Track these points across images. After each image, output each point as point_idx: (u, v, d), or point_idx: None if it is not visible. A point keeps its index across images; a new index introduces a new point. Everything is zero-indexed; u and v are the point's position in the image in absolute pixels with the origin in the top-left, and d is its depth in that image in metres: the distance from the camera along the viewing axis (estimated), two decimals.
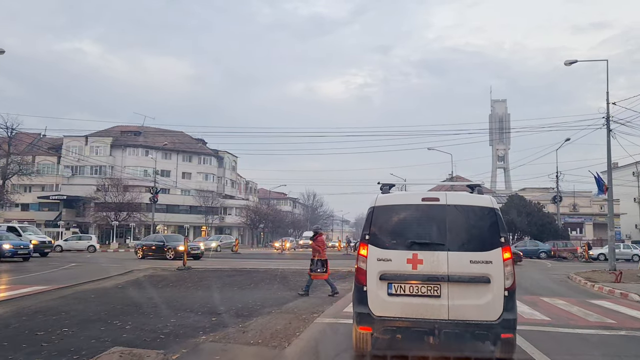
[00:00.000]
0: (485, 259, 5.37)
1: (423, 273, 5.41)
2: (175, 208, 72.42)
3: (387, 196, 5.94)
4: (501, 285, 5.31)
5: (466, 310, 5.31)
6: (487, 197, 5.79)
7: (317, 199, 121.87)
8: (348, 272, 19.00)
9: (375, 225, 5.71)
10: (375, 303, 5.47)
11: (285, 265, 23.91)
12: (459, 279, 5.36)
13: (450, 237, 5.48)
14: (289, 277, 16.69)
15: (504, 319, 5.25)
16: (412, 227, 5.65)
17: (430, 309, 5.34)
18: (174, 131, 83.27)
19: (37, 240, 28.69)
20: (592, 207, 60.67)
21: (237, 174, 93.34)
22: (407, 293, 5.44)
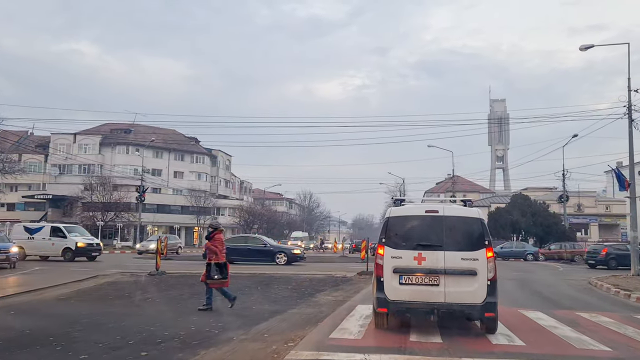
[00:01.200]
0: (473, 257, 6.96)
1: (426, 267, 6.99)
2: (166, 208, 70.04)
3: (398, 208, 7.72)
4: (485, 276, 6.92)
5: (458, 295, 6.88)
6: (475, 209, 7.52)
7: (313, 199, 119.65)
8: (343, 278, 16.68)
9: (389, 231, 7.30)
10: (390, 290, 7.02)
11: (273, 269, 21.60)
12: (453, 272, 6.93)
13: (447, 240, 7.04)
14: (273, 285, 14.41)
15: (487, 302, 6.86)
16: (417, 233, 7.23)
17: (431, 294, 6.91)
18: (166, 129, 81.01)
19: (84, 242, 26.25)
20: (598, 207, 58.48)
21: (231, 174, 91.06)
22: (414, 282, 7.01)
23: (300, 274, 18.28)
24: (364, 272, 18.71)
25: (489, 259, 7.02)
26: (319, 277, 17.49)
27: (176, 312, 9.17)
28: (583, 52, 22.42)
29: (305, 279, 16.14)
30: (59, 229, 26.65)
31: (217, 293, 9.44)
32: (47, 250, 25.75)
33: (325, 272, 19.37)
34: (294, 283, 14.80)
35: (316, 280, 15.83)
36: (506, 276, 20.28)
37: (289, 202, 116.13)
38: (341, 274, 18.43)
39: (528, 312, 9.68)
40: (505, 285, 16.09)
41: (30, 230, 26.44)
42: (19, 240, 25.46)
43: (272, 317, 8.74)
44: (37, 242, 25.81)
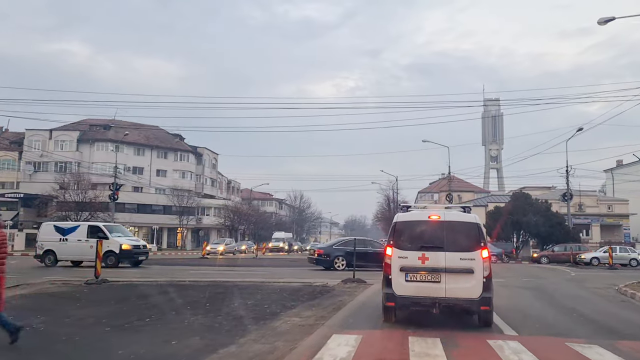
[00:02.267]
0: (470, 257, 7.73)
1: (429, 266, 7.75)
2: (147, 208, 66.57)
3: (404, 214, 8.54)
4: (481, 274, 7.66)
5: (457, 291, 7.66)
6: (472, 215, 8.34)
7: (304, 199, 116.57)
8: (322, 288, 13.64)
9: (396, 234, 8.12)
10: (397, 286, 7.81)
11: (242, 274, 18.44)
12: (453, 270, 7.69)
13: (447, 242, 7.80)
14: (229, 298, 11.25)
15: (483, 297, 7.63)
16: (421, 236, 8.02)
17: (434, 290, 7.68)
18: (148, 125, 77.65)
19: (130, 245, 22.83)
20: (600, 207, 55.68)
21: (218, 173, 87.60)
22: (418, 280, 7.79)
23: (272, 283, 15.14)
24: (349, 280, 15.61)
25: (485, 259, 7.70)
26: (294, 285, 14.38)
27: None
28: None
29: (276, 290, 13.01)
30: (98, 228, 22.99)
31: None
32: (84, 254, 21.86)
33: (304, 280, 16.26)
34: (259, 296, 11.67)
35: (288, 291, 12.70)
36: (518, 283, 17.28)
37: (279, 202, 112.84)
38: (322, 282, 15.33)
39: (580, 346, 6.58)
40: (524, 297, 13.07)
41: (62, 230, 22.90)
42: (48, 243, 22.62)
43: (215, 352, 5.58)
44: (72, 244, 22.28)
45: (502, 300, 11.45)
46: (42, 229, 23.89)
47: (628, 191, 58.38)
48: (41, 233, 23.50)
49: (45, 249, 22.59)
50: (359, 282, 15.52)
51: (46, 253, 22.56)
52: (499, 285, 15.10)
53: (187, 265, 26.10)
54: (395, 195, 58.87)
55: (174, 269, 21.82)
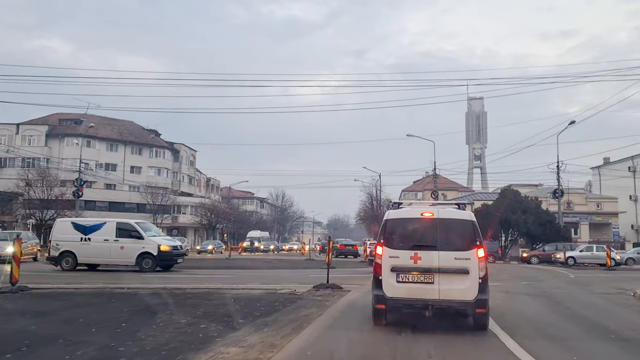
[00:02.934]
0: (465, 257, 7.24)
1: (421, 266, 7.28)
2: (120, 206, 63.57)
3: (396, 211, 8.05)
4: (477, 275, 7.17)
5: (452, 292, 7.19)
6: (467, 212, 7.99)
7: (286, 198, 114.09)
8: (288, 297, 11.27)
9: (387, 232, 7.68)
10: (388, 287, 7.35)
11: (201, 279, 15.95)
12: (447, 270, 7.22)
13: (441, 241, 7.34)
14: (164, 311, 8.76)
15: (478, 298, 7.12)
16: (414, 234, 7.57)
17: (426, 292, 7.22)
18: (122, 120, 74.52)
19: (169, 245, 20.11)
20: (588, 205, 54.00)
21: (196, 170, 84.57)
22: (410, 280, 7.35)
23: (230, 290, 12.64)
24: (322, 286, 13.21)
25: (480, 259, 7.23)
26: (255, 293, 11.95)
27: None
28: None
29: (228, 300, 10.53)
30: (129, 226, 20.00)
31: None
32: (113, 257, 19.23)
33: (269, 286, 13.83)
34: (203, 309, 9.19)
35: (244, 302, 10.25)
36: (519, 288, 15.04)
37: (261, 201, 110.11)
38: (290, 289, 12.90)
39: None
40: (531, 306, 10.84)
41: (83, 229, 19.71)
42: (66, 243, 19.42)
43: None
44: (97, 245, 19.19)
45: (510, 315, 9.18)
46: (58, 227, 20.48)
47: (614, 187, 57.01)
48: (56, 231, 20.08)
49: (63, 251, 19.39)
50: (333, 288, 13.12)
51: (63, 255, 19.42)
52: (498, 291, 12.91)
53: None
54: (378, 193, 56.54)
55: (127, 273, 19.18)
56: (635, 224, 59.41)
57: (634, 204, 59.94)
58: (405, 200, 11.70)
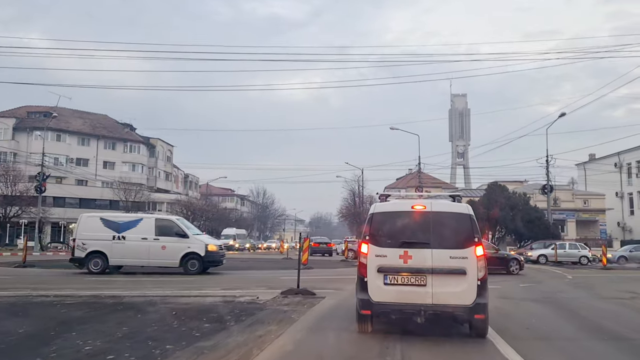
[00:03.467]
0: (462, 255, 6.42)
1: (412, 266, 6.45)
2: (91, 203, 60.66)
3: (383, 204, 7.18)
4: (475, 276, 6.35)
5: (446, 296, 6.36)
6: (464, 205, 7.06)
7: (267, 195, 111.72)
8: (246, 306, 9.22)
9: (373, 228, 6.79)
10: (374, 291, 6.50)
11: (155, 283, 13.77)
12: (441, 271, 6.38)
13: (434, 238, 6.51)
14: (90, 324, 6.61)
15: (477, 303, 6.29)
16: (403, 230, 6.71)
17: (418, 295, 6.38)
18: (95, 113, 71.79)
19: (215, 245, 18.31)
20: (575, 201, 52.72)
21: (174, 166, 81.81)
22: (399, 283, 6.48)
23: (178, 297, 10.52)
24: (292, 291, 11.15)
25: (479, 258, 6.45)
26: (206, 302, 9.85)
27: None
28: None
29: (170, 311, 8.42)
30: (171, 222, 18.03)
31: None
32: (153, 258, 17.08)
33: (229, 291, 11.74)
34: (128, 326, 7.08)
35: (189, 315, 8.14)
36: (519, 293, 13.17)
37: (241, 198, 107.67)
38: (253, 295, 10.82)
39: None
40: (543, 317, 8.91)
41: (116, 225, 17.51)
42: (95, 242, 17.11)
43: None
44: (133, 244, 17.11)
45: (521, 329, 7.30)
46: (83, 223, 17.84)
47: (599, 184, 55.97)
48: (81, 229, 17.62)
49: (91, 251, 17.10)
50: (304, 294, 11.08)
51: (91, 255, 17.12)
52: (496, 296, 11.00)
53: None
54: (361, 190, 54.58)
55: (80, 276, 16.83)
56: (622, 221, 58.31)
57: (620, 201, 58.86)
58: (393, 192, 10.80)
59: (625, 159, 58.12)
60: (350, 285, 13.76)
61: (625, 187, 58.79)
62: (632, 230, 56.98)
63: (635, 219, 57.13)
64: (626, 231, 57.49)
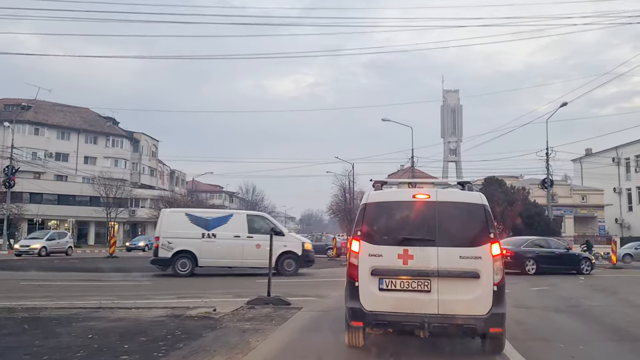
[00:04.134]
0: (474, 255, 5.40)
1: (413, 268, 5.41)
2: (70, 199, 58.26)
3: (378, 193, 6.04)
4: (490, 280, 5.33)
5: (455, 305, 5.31)
6: (477, 194, 5.87)
7: (257, 192, 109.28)
8: (192, 327, 6.84)
9: (366, 221, 5.72)
10: (367, 298, 5.47)
11: (113, 290, 11.57)
12: (449, 274, 5.35)
13: (440, 233, 5.46)
14: None
15: (492, 313, 5.26)
16: (403, 223, 5.65)
17: (421, 304, 5.33)
18: (76, 107, 68.95)
19: (310, 244, 17.53)
20: (573, 197, 50.93)
21: (159, 161, 79.21)
22: (398, 288, 5.44)
23: (116, 310, 8.30)
24: (261, 301, 8.98)
25: (496, 258, 5.37)
26: (147, 317, 7.69)
27: None
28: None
29: (88, 333, 6.24)
30: (264, 219, 17.01)
31: None
32: (247, 258, 15.56)
33: (183, 301, 9.55)
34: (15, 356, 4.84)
35: (113, 337, 6.01)
36: (534, 299, 11.09)
37: (230, 195, 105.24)
38: (210, 306, 8.64)
39: None
40: (581, 338, 6.76)
41: (205, 222, 15.94)
42: (183, 240, 15.50)
43: None
44: (224, 242, 15.61)
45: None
46: (167, 219, 16.18)
47: (596, 180, 54.30)
48: (164, 225, 15.94)
49: (177, 250, 15.36)
50: (276, 304, 8.91)
51: (179, 256, 15.37)
52: (509, 305, 8.94)
53: (71, 270, 18.81)
54: (351, 185, 52.44)
55: (31, 279, 14.56)
56: (620, 218, 56.60)
57: (618, 197, 57.15)
58: (391, 179, 8.04)
59: (624, 153, 56.41)
60: (337, 291, 11.57)
61: (624, 182, 57.09)
62: (630, 227, 55.25)
63: (634, 215, 55.43)
64: (624, 228, 55.75)
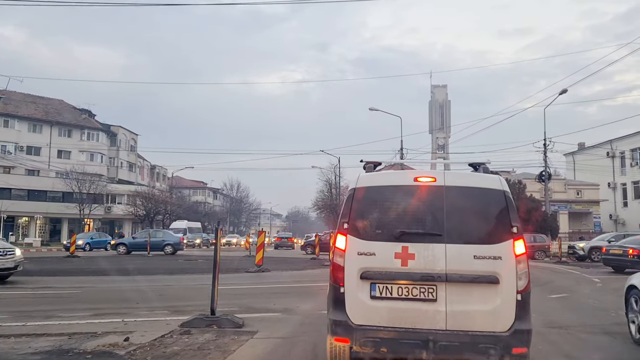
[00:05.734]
0: (492, 254, 4.29)
1: (415, 271, 4.33)
2: (42, 195, 55.19)
3: (371, 175, 4.94)
4: (513, 286, 4.24)
5: (468, 318, 4.23)
6: (495, 176, 4.66)
7: (241, 188, 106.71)
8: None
9: (356, 210, 4.57)
10: (355, 308, 4.37)
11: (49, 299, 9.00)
12: (460, 278, 4.28)
13: (450, 226, 4.36)
14: None
15: (516, 329, 4.15)
16: (401, 214, 4.55)
17: (424, 317, 4.27)
18: (49, 98, 65.92)
19: None
20: (568, 192, 48.99)
21: (138, 156, 76.19)
22: (395, 296, 4.36)
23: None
24: (199, 322, 6.50)
25: (519, 257, 4.23)
26: (37, 347, 5.25)
27: None
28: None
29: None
30: None
31: None
32: None
33: (95, 320, 7.01)
34: None
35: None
36: (557, 311, 8.75)
37: (213, 191, 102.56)
38: (123, 332, 6.08)
39: None
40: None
41: None
42: None
43: None
44: None
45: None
46: None
47: (588, 173, 52.57)
48: None
49: None
50: (222, 327, 6.46)
51: None
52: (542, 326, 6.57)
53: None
54: (337, 179, 50.10)
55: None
56: (614, 214, 54.77)
57: (613, 192, 55.30)
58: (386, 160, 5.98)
59: (619, 146, 54.57)
60: (310, 301, 9.17)
61: (618, 177, 55.28)
62: (625, 223, 53.39)
63: (629, 211, 53.61)
64: (619, 224, 53.93)
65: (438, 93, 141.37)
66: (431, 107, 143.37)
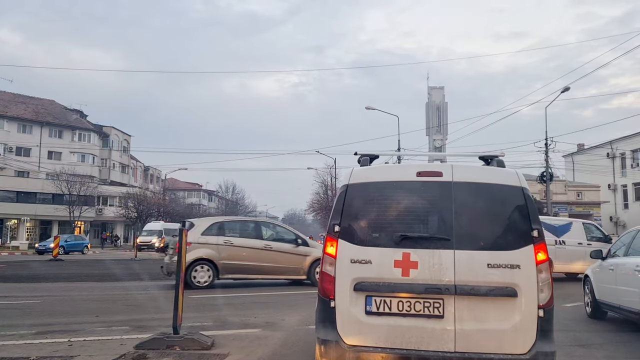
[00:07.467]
0: (510, 262, 3.76)
1: (418, 282, 3.80)
2: (31, 196, 53.97)
3: (366, 170, 4.28)
4: (534, 300, 3.71)
5: (481, 338, 3.70)
6: (511, 171, 4.08)
7: (237, 190, 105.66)
8: None
9: (349, 211, 3.99)
10: (348, 326, 3.83)
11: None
12: (471, 291, 3.75)
13: (459, 230, 3.84)
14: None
15: (537, 351, 3.62)
16: (402, 215, 4.01)
17: (429, 336, 3.73)
18: (40, 98, 64.81)
19: None
20: (568, 194, 48.13)
21: (131, 157, 75.06)
22: (395, 312, 3.82)
23: None
24: (159, 343, 5.38)
25: (541, 266, 3.71)
26: None
27: None
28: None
29: None
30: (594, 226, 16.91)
31: None
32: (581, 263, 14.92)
33: (39, 341, 5.94)
34: None
35: None
36: (601, 327, 7.66)
37: (209, 193, 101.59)
38: (63, 358, 4.94)
39: None
40: None
41: (553, 229, 15.83)
42: None
43: None
44: (571, 249, 15.63)
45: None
46: None
47: (588, 175, 51.76)
48: None
49: None
50: (184, 349, 5.39)
51: None
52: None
53: None
54: (333, 180, 49.15)
55: None
56: (615, 216, 53.86)
57: (613, 194, 54.39)
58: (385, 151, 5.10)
59: (619, 147, 53.71)
60: (296, 313, 8.11)
61: (619, 178, 54.41)
62: (625, 226, 52.49)
63: (630, 212, 52.73)
64: (619, 226, 53.03)
65: (435, 94, 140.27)
66: (428, 109, 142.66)
